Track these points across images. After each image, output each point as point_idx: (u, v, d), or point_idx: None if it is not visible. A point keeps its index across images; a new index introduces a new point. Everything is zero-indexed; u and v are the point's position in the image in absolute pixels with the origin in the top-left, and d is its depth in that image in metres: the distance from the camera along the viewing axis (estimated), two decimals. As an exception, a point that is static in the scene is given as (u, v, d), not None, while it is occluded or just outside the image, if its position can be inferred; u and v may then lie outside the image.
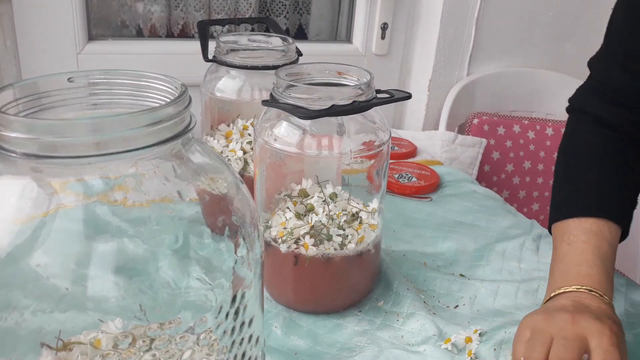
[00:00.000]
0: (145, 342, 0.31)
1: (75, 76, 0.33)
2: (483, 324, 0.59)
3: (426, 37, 1.28)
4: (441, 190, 0.93)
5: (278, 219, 0.57)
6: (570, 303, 0.52)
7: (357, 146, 0.55)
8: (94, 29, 1.14)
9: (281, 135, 0.55)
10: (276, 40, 0.77)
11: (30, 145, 0.27)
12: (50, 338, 0.30)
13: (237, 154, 0.72)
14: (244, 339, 0.36)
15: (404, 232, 0.78)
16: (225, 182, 0.34)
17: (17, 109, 0.31)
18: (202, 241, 0.32)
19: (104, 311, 0.30)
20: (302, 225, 0.55)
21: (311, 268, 0.57)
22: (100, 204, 0.29)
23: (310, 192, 0.58)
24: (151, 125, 0.28)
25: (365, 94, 0.53)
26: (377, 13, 1.25)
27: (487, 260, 0.72)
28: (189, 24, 1.33)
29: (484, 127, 1.28)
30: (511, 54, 1.34)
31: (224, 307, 0.33)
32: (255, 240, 0.35)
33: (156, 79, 0.33)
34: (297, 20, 1.43)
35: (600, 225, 0.59)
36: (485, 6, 1.25)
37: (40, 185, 0.29)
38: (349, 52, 1.29)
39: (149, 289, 0.30)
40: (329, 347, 0.56)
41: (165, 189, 0.31)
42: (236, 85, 0.74)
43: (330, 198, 0.57)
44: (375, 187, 0.59)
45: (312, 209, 0.56)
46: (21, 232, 0.28)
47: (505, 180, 1.31)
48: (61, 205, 0.29)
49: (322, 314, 0.60)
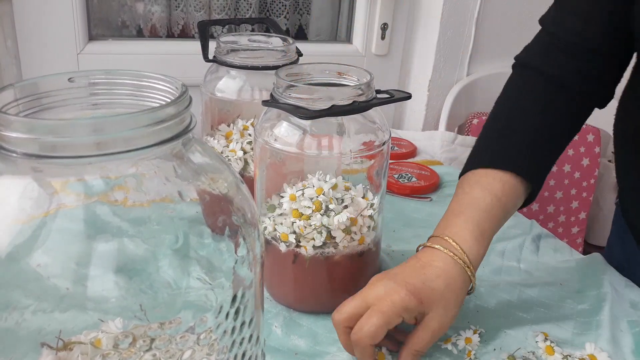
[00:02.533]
0: (146, 341, 0.31)
1: (75, 76, 0.33)
2: (483, 324, 0.59)
3: (426, 37, 1.28)
4: (441, 190, 0.93)
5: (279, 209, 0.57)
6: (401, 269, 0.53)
7: (357, 146, 0.55)
8: (94, 29, 1.14)
9: (281, 136, 0.55)
10: (276, 40, 0.77)
11: (30, 145, 0.27)
12: (50, 338, 0.30)
13: (237, 154, 0.72)
14: (244, 338, 0.36)
15: (404, 232, 0.78)
16: (226, 182, 0.34)
17: (17, 109, 0.31)
18: (202, 241, 0.32)
19: (105, 311, 0.30)
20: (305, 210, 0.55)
21: (311, 267, 0.57)
22: (101, 204, 0.29)
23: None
24: (152, 125, 0.28)
25: (365, 94, 0.53)
26: (377, 13, 1.25)
27: (487, 260, 0.72)
28: (189, 24, 1.33)
29: (484, 127, 1.28)
30: (511, 54, 1.33)
31: (224, 307, 0.33)
32: (255, 240, 0.35)
33: (157, 79, 0.33)
34: (297, 21, 1.43)
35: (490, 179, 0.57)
36: (485, 6, 1.25)
37: (40, 185, 0.29)
38: (349, 52, 1.30)
39: (149, 288, 0.30)
40: (329, 347, 0.56)
41: (165, 189, 0.31)
42: (236, 86, 0.74)
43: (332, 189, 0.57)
44: (375, 187, 0.59)
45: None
46: (21, 232, 0.28)
47: (505, 181, 1.31)
48: (62, 205, 0.29)
49: (322, 314, 0.60)
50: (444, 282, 0.51)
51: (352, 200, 0.57)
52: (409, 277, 0.51)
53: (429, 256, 0.53)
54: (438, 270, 0.52)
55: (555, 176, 1.32)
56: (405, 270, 0.53)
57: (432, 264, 0.52)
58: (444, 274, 0.52)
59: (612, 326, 0.60)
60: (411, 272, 0.52)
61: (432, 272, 0.52)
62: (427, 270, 0.52)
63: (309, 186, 0.56)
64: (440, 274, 0.52)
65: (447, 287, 0.51)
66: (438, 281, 0.51)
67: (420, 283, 0.50)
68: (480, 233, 0.55)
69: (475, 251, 0.54)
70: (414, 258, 0.54)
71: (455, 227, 0.55)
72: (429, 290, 0.50)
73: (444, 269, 0.52)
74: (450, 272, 0.52)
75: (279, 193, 0.58)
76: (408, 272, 0.52)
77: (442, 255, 0.53)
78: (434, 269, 0.52)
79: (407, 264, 0.54)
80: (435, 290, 0.51)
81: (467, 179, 0.60)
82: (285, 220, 0.56)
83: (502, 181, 0.58)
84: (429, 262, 0.53)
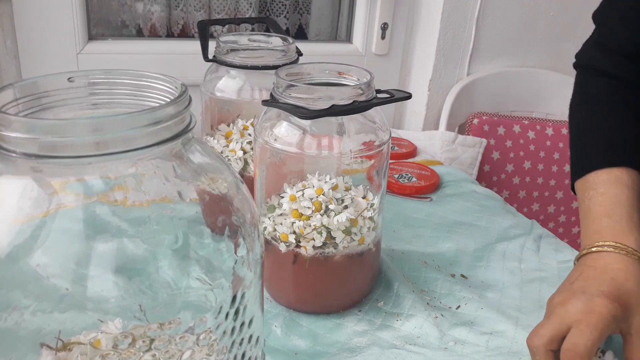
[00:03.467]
0: (145, 342, 0.31)
1: (75, 76, 0.33)
2: (485, 325, 0.59)
3: (426, 37, 1.28)
4: (441, 190, 0.93)
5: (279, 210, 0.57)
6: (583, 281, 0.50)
7: (357, 146, 0.55)
8: (94, 29, 1.14)
9: (281, 135, 0.55)
10: (276, 40, 0.77)
11: (30, 145, 0.27)
12: (50, 338, 0.30)
13: (237, 154, 0.72)
14: (244, 339, 0.36)
15: (404, 232, 0.78)
16: (225, 182, 0.34)
17: (17, 109, 0.31)
18: (202, 241, 0.32)
19: (104, 311, 0.29)
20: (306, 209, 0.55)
21: (311, 267, 0.57)
22: (100, 204, 0.29)
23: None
24: (151, 125, 0.28)
25: (365, 94, 0.53)
26: (377, 13, 1.25)
27: (488, 260, 0.72)
28: (189, 23, 1.33)
29: (484, 127, 1.28)
30: (511, 54, 1.34)
31: (224, 307, 0.33)
32: (255, 240, 0.35)
33: (156, 79, 0.33)
34: (297, 20, 1.43)
35: (617, 174, 0.56)
36: (485, 6, 1.25)
37: (40, 185, 0.29)
38: (349, 52, 1.29)
39: (148, 289, 0.30)
40: (329, 347, 0.56)
41: (165, 189, 0.31)
42: (236, 85, 0.74)
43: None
44: (375, 187, 0.59)
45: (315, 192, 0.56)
46: (21, 232, 0.28)
47: (505, 180, 1.31)
48: (61, 205, 0.29)
49: (322, 314, 0.60)
50: (636, 283, 0.49)
51: (352, 200, 0.57)
52: (599, 285, 0.48)
53: (601, 261, 0.51)
54: (621, 272, 0.49)
55: (555, 176, 1.32)
56: (589, 280, 0.50)
57: (611, 267, 0.50)
58: (630, 274, 0.49)
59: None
60: (596, 281, 0.49)
61: (619, 275, 0.49)
62: (611, 275, 0.49)
63: (309, 186, 0.56)
64: (628, 275, 0.49)
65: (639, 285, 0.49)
66: (629, 283, 0.48)
67: (614, 289, 0.48)
68: (636, 225, 0.52)
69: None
70: (587, 267, 0.51)
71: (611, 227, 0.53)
72: (625, 294, 0.48)
73: (627, 269, 0.49)
74: (635, 271, 0.49)
75: (279, 193, 0.58)
76: (592, 281, 0.49)
77: (616, 257, 0.50)
78: (618, 271, 0.49)
79: (582, 275, 0.51)
80: (631, 291, 0.48)
81: (587, 183, 0.58)
82: (285, 221, 0.56)
83: (629, 174, 0.56)
84: (607, 266, 0.50)
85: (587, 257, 0.53)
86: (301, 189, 0.56)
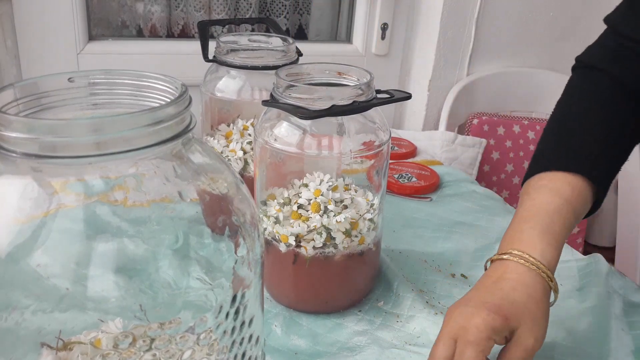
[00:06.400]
0: (146, 342, 0.31)
1: (75, 76, 0.33)
2: (483, 324, 0.59)
3: (426, 37, 1.28)
4: (441, 190, 0.93)
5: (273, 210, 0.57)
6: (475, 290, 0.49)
7: (357, 146, 0.55)
8: (94, 29, 1.14)
9: (281, 135, 0.55)
10: (276, 40, 0.77)
11: (30, 145, 0.27)
12: (50, 338, 0.30)
13: (237, 154, 0.72)
14: (244, 338, 0.36)
15: (404, 232, 0.78)
16: (226, 182, 0.34)
17: (17, 109, 0.31)
18: (202, 241, 0.32)
19: (104, 311, 0.30)
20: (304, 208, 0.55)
21: (311, 267, 0.57)
22: (101, 204, 0.29)
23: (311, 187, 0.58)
24: (151, 125, 0.28)
25: (365, 94, 0.53)
26: (377, 13, 1.25)
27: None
28: (189, 24, 1.33)
29: (484, 127, 1.28)
30: (511, 54, 1.34)
31: (224, 307, 0.33)
32: (255, 240, 0.35)
33: (156, 79, 0.33)
34: (297, 21, 1.43)
35: (560, 183, 0.54)
36: (485, 6, 1.25)
37: (40, 185, 0.29)
38: (349, 52, 1.30)
39: (149, 288, 0.30)
40: (329, 347, 0.56)
41: (165, 189, 0.31)
42: (236, 86, 0.74)
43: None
44: (375, 187, 0.59)
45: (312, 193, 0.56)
46: (21, 232, 0.28)
47: (505, 180, 1.31)
48: (61, 205, 0.29)
49: (322, 314, 0.60)
50: (524, 293, 0.47)
51: (352, 200, 0.57)
52: (484, 296, 0.47)
53: (500, 270, 0.50)
54: (513, 282, 0.48)
55: (555, 176, 1.32)
56: (479, 290, 0.49)
57: (505, 277, 0.49)
58: (521, 284, 0.48)
59: (612, 326, 0.60)
60: (485, 291, 0.48)
61: (508, 285, 0.48)
62: (501, 285, 0.48)
63: (307, 185, 0.56)
64: (516, 285, 0.47)
65: (529, 297, 0.47)
66: (516, 293, 0.47)
67: (498, 299, 0.46)
68: (552, 236, 0.51)
69: (549, 256, 0.50)
70: (485, 276, 0.51)
71: (523, 234, 0.51)
72: (509, 305, 0.46)
73: (519, 280, 0.48)
74: (527, 281, 0.48)
75: (276, 197, 0.58)
76: (482, 292, 0.48)
77: (513, 266, 0.49)
78: (508, 281, 0.48)
79: (478, 284, 0.50)
80: (517, 303, 0.46)
81: (532, 183, 0.57)
82: (285, 222, 0.56)
83: (571, 184, 0.54)
84: (501, 275, 0.49)
85: (493, 264, 0.52)
86: (298, 191, 0.56)
